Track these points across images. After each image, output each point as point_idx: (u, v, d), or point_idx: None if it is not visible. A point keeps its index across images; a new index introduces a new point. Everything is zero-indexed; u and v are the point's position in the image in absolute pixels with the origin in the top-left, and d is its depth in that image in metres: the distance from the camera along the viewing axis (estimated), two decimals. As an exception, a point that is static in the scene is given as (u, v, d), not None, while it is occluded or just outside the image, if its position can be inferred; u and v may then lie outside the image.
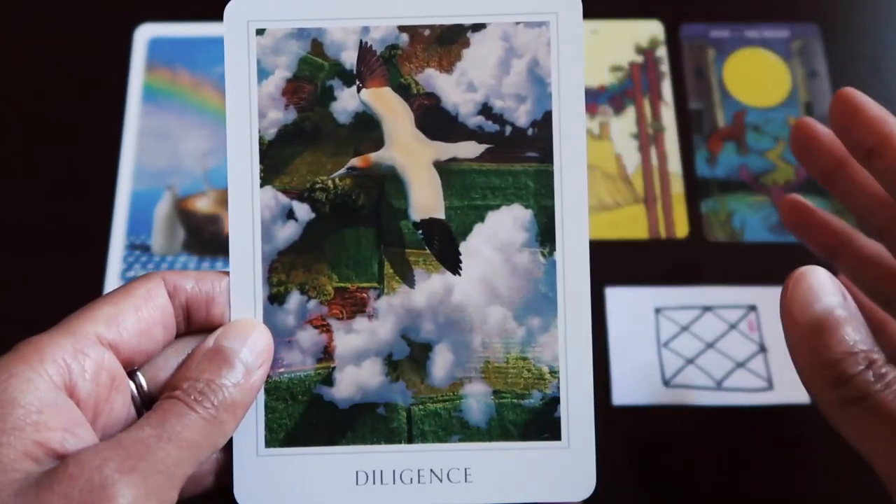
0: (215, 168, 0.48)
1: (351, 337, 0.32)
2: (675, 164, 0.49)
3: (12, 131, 0.49)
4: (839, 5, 0.54)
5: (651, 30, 0.53)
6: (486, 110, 0.32)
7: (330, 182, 0.32)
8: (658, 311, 0.46)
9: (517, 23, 0.32)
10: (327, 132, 0.32)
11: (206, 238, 0.47)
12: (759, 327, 0.45)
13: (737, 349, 0.45)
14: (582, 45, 0.32)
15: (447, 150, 0.32)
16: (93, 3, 0.51)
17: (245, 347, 0.30)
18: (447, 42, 0.32)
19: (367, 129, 0.32)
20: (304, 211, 0.32)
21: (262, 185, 0.32)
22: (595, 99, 0.51)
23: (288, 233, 0.32)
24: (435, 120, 0.32)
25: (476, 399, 0.32)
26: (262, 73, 0.32)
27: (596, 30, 0.53)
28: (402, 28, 0.32)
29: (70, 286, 0.45)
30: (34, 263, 0.46)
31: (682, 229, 0.48)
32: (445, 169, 0.32)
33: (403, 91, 0.32)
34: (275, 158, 0.32)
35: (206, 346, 0.30)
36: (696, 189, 0.49)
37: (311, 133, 0.32)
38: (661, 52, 0.52)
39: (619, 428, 0.44)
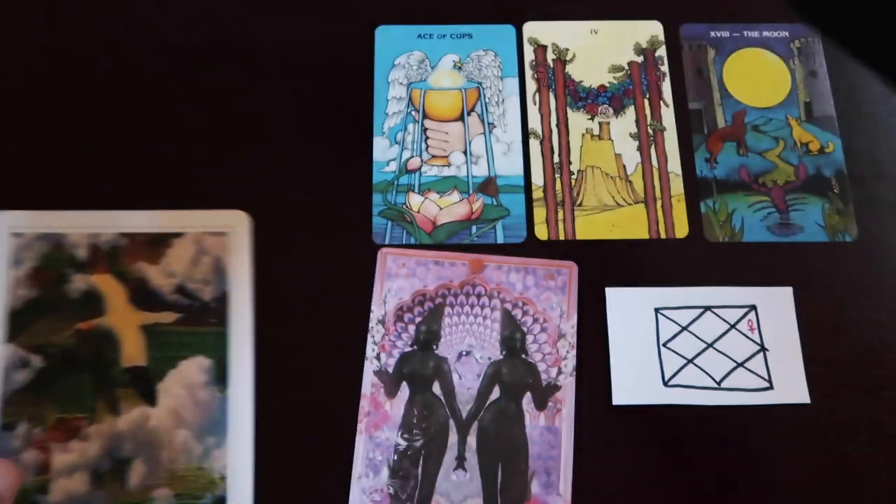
0: None
1: (66, 455, 0.42)
2: (674, 164, 0.50)
3: None
4: (839, 6, 0.54)
5: (651, 30, 0.53)
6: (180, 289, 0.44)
7: (60, 340, 0.43)
8: (658, 310, 0.46)
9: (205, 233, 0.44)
10: (61, 304, 0.43)
11: None
12: (758, 327, 0.45)
13: (736, 349, 0.45)
14: (249, 249, 0.45)
15: (153, 318, 0.44)
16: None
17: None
18: (155, 244, 0.45)
19: (93, 302, 0.44)
20: (37, 360, 0.43)
21: (6, 342, 0.43)
22: (595, 99, 0.51)
23: (23, 377, 0.43)
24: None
25: (161, 500, 0.41)
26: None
27: (596, 30, 0.53)
28: (122, 234, 0.45)
29: None
30: None
31: (681, 229, 0.48)
32: (150, 330, 0.44)
33: (121, 276, 0.44)
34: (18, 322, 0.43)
35: None
36: (696, 189, 0.49)
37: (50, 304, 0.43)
38: (661, 52, 0.52)
39: (618, 427, 0.44)
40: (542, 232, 0.47)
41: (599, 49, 0.53)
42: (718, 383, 0.44)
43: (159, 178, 0.48)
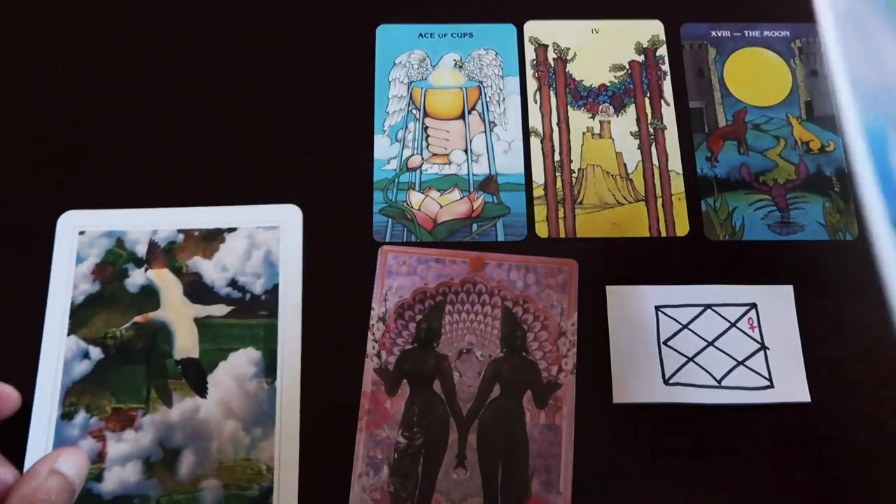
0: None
1: (120, 445, 0.43)
2: (675, 163, 0.50)
3: None
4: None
5: (652, 29, 0.53)
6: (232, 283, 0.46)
7: (118, 332, 0.44)
8: (658, 308, 0.46)
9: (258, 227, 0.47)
10: (120, 298, 0.45)
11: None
12: (759, 325, 0.45)
13: (737, 347, 0.45)
14: (300, 243, 0.46)
15: (205, 310, 0.45)
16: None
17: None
18: (209, 239, 0.47)
19: (150, 296, 0.45)
20: (96, 352, 0.44)
21: (68, 335, 0.44)
22: (596, 98, 0.51)
23: (83, 368, 0.44)
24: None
25: (210, 491, 0.42)
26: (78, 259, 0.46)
27: (597, 29, 0.53)
28: (179, 230, 0.46)
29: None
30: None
31: (682, 227, 0.48)
32: (202, 323, 0.45)
33: (177, 271, 0.46)
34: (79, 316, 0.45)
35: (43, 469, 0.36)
36: (697, 187, 0.49)
37: (109, 298, 0.45)
38: (662, 51, 0.53)
39: (619, 426, 0.44)
40: (542, 230, 0.48)
41: (600, 48, 0.53)
42: (719, 382, 0.44)
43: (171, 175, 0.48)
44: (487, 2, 0.54)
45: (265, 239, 0.46)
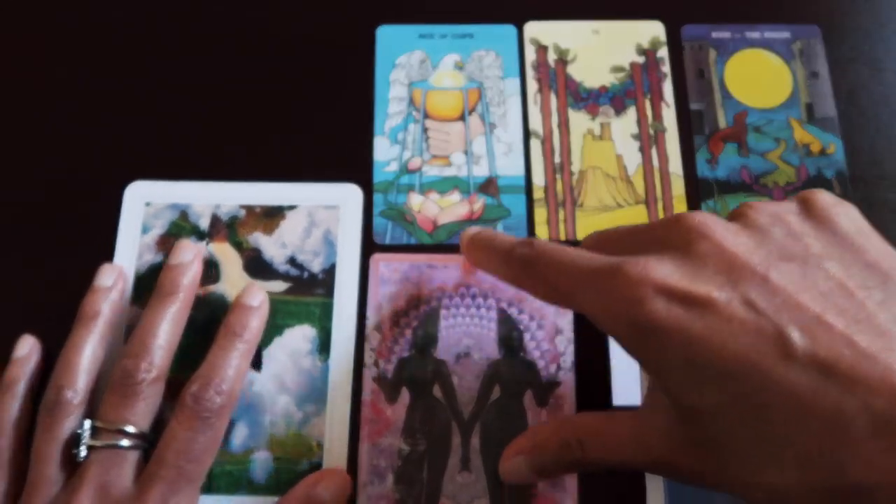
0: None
1: None
2: (675, 165, 0.50)
3: None
4: (840, 7, 0.54)
5: (652, 30, 0.53)
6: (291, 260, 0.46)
7: None
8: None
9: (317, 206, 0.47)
10: None
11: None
12: (759, 328, 0.45)
13: (737, 350, 0.45)
14: (360, 223, 0.47)
15: (263, 286, 0.45)
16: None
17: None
18: (271, 216, 0.47)
19: (210, 269, 0.46)
20: None
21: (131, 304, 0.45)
22: (596, 99, 0.51)
23: None
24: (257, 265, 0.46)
25: (261, 463, 0.42)
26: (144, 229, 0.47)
27: (597, 30, 0.53)
28: (241, 206, 0.47)
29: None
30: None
31: (682, 230, 0.48)
32: None
33: (237, 246, 0.46)
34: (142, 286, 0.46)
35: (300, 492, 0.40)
36: (697, 190, 0.49)
37: None
38: (663, 52, 0.52)
39: (619, 428, 0.44)
40: (542, 232, 0.47)
41: (601, 49, 0.52)
42: (719, 384, 0.44)
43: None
44: (487, 2, 0.54)
45: (325, 218, 0.47)
